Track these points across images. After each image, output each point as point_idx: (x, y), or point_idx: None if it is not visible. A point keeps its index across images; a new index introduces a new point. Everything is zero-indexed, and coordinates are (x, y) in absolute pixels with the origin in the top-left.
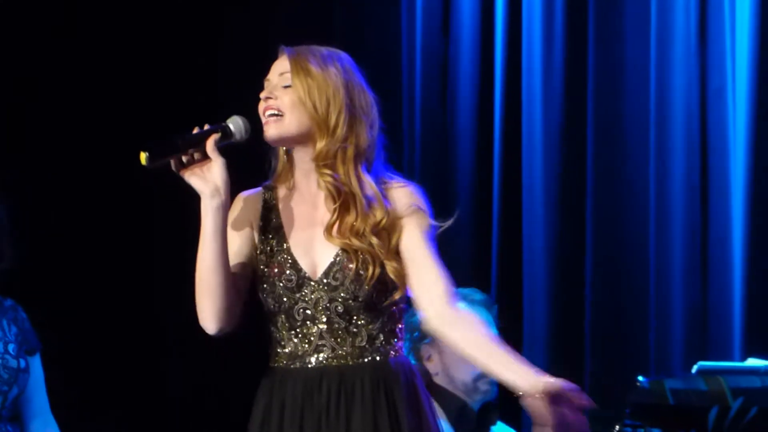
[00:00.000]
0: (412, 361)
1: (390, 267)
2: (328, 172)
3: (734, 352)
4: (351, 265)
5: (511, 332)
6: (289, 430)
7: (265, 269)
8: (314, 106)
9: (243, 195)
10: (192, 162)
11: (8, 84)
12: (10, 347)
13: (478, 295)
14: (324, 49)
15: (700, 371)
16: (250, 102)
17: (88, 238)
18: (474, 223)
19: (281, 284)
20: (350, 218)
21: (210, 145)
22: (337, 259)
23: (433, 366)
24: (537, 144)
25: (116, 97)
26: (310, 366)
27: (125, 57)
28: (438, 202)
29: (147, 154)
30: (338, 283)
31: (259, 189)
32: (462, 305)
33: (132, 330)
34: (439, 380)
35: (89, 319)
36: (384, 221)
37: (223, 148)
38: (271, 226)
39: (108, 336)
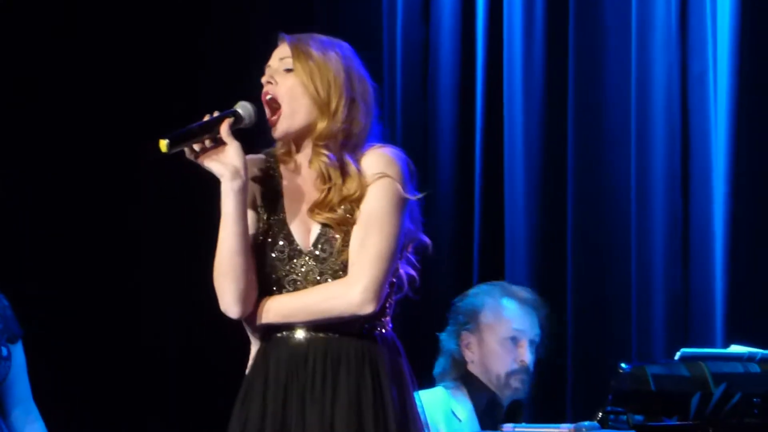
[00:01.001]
0: (452, 345)
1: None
2: (325, 152)
3: (716, 338)
4: (337, 236)
5: None
6: (272, 403)
7: (260, 237)
8: (316, 89)
9: (248, 158)
10: (206, 149)
11: (8, 84)
12: None
13: (526, 294)
14: (324, 37)
15: (682, 358)
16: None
17: (88, 237)
18: (456, 211)
19: (273, 254)
20: (330, 196)
21: (225, 129)
22: (323, 231)
23: (470, 354)
24: (518, 131)
25: (116, 97)
26: (297, 336)
27: (125, 57)
28: (419, 191)
29: (167, 141)
30: (326, 254)
31: (260, 156)
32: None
33: (132, 329)
34: (473, 368)
35: (90, 318)
36: (356, 194)
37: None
38: (271, 194)
39: (108, 335)
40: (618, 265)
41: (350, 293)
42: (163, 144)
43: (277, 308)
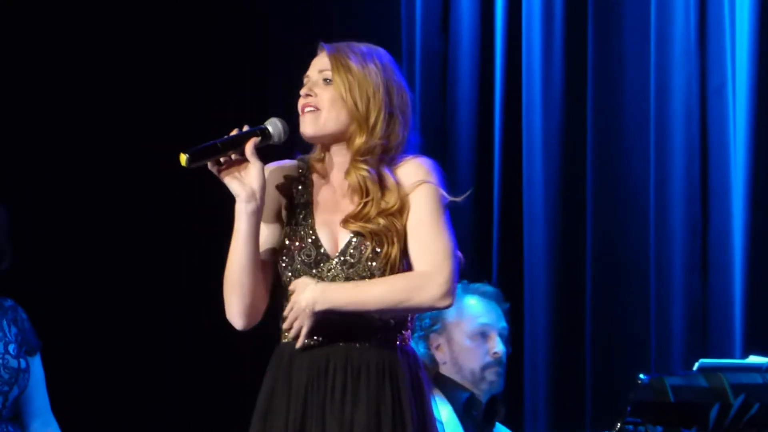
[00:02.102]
0: (422, 350)
1: (399, 249)
2: (365, 167)
3: (735, 349)
4: (367, 243)
5: (512, 330)
6: (293, 412)
7: (287, 241)
8: (355, 104)
9: (272, 166)
10: (230, 163)
11: (8, 84)
12: (11, 347)
13: (487, 288)
14: (363, 46)
15: (701, 368)
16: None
17: (88, 237)
18: (475, 221)
19: (300, 258)
20: (367, 209)
21: (249, 148)
22: (354, 239)
23: (441, 355)
24: (537, 142)
25: (116, 97)
26: (317, 345)
27: (125, 57)
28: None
29: (187, 156)
30: (355, 260)
31: (294, 162)
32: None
33: (132, 329)
34: (446, 370)
35: (90, 318)
36: (395, 207)
37: (260, 149)
38: (301, 200)
39: (108, 335)
40: (637, 276)
41: (432, 285)
42: (183, 159)
43: (347, 295)
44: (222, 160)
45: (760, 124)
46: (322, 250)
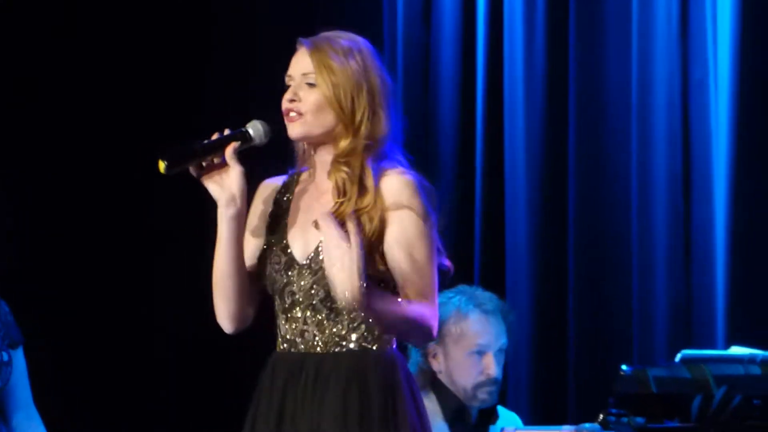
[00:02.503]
0: (419, 357)
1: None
2: (345, 169)
3: (718, 340)
4: None
5: None
6: (270, 414)
7: (264, 251)
8: (340, 105)
9: (266, 183)
10: (211, 166)
11: (8, 84)
12: None
13: (491, 304)
14: (343, 39)
15: (683, 359)
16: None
17: (88, 238)
18: (456, 212)
19: (271, 266)
20: (341, 209)
21: (230, 152)
22: (321, 246)
23: (437, 364)
24: (519, 134)
25: (116, 97)
26: (295, 351)
27: (125, 57)
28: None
29: (165, 162)
30: (318, 267)
31: (283, 176)
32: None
33: (132, 329)
34: (442, 378)
35: (90, 319)
36: (368, 208)
37: (242, 153)
38: (280, 209)
39: (108, 335)
40: (619, 268)
41: (429, 331)
42: (162, 165)
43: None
44: (203, 164)
45: (741, 117)
46: (290, 256)
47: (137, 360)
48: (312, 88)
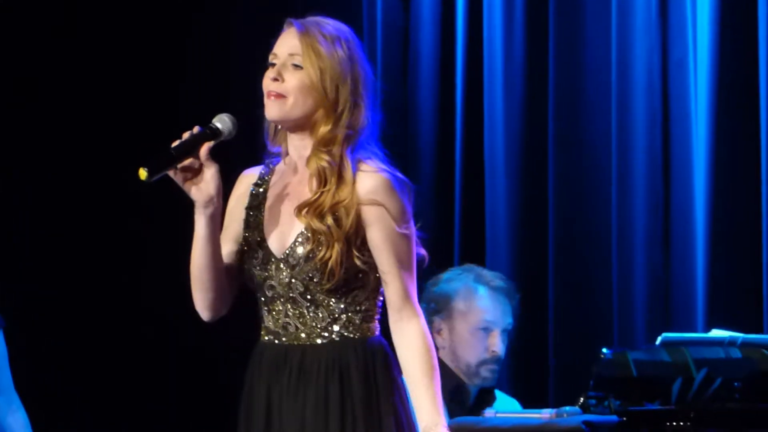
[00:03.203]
0: None
1: (341, 250)
2: (326, 157)
3: (698, 323)
4: (307, 245)
5: None
6: (257, 406)
7: (242, 245)
8: (324, 91)
9: (244, 174)
10: (186, 168)
11: (8, 84)
12: None
13: (500, 281)
14: (330, 25)
15: (663, 343)
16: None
17: (88, 237)
18: (436, 197)
19: (250, 261)
20: (322, 199)
21: (204, 153)
22: (298, 239)
23: (440, 340)
24: (498, 118)
25: (116, 97)
26: (278, 342)
27: (125, 57)
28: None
29: (146, 170)
30: (296, 262)
31: (261, 166)
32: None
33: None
34: (442, 354)
35: (90, 319)
36: (346, 201)
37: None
38: (256, 202)
39: (108, 335)
40: (599, 251)
41: (427, 338)
42: (143, 174)
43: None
44: (179, 166)
45: (721, 97)
46: (267, 251)
47: (137, 359)
48: (297, 70)
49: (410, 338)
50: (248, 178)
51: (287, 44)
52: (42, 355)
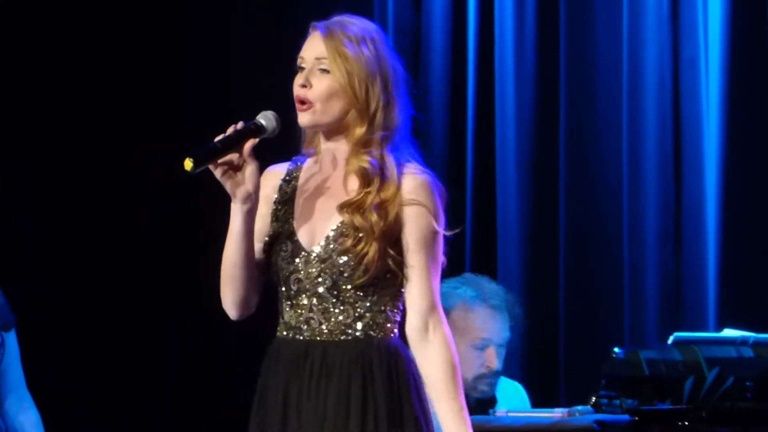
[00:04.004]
0: None
1: (379, 247)
2: (367, 158)
3: (709, 322)
4: (345, 240)
5: None
6: (273, 402)
7: (269, 239)
8: (355, 94)
9: (270, 170)
10: (228, 163)
11: (8, 84)
12: None
13: (498, 299)
14: (355, 25)
15: (675, 342)
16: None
17: (88, 237)
18: (448, 195)
19: (277, 254)
20: (364, 198)
21: (248, 149)
22: (334, 233)
23: None
24: (510, 117)
25: (115, 97)
26: (299, 338)
27: (124, 56)
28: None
29: (192, 161)
30: (328, 255)
31: (288, 162)
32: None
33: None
34: None
35: (90, 318)
36: (390, 200)
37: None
38: (285, 197)
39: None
40: (610, 250)
41: (453, 348)
42: (188, 163)
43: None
44: (221, 161)
45: (732, 96)
46: (297, 243)
47: (137, 359)
48: (324, 74)
49: (438, 349)
50: (274, 174)
51: (313, 48)
52: (41, 355)
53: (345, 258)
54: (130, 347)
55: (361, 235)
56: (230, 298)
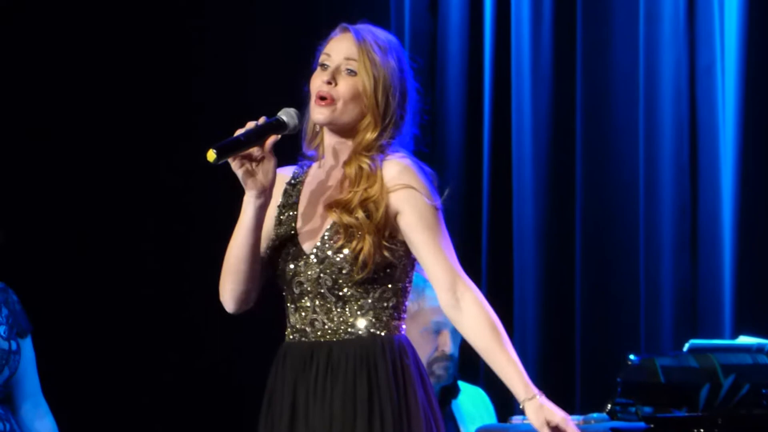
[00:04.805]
0: None
1: (374, 241)
2: (368, 161)
3: (725, 329)
4: (339, 239)
5: (502, 313)
6: (284, 406)
7: (272, 242)
8: (376, 101)
9: (276, 172)
10: (248, 157)
11: (8, 84)
12: (1, 329)
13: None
14: (383, 36)
15: (691, 349)
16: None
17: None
18: (464, 202)
19: (281, 258)
20: (350, 197)
21: (269, 145)
22: (328, 233)
23: None
24: (526, 123)
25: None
26: (305, 340)
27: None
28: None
29: (215, 152)
30: (325, 255)
31: (294, 166)
32: (468, 292)
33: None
34: None
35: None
36: (375, 196)
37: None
38: (289, 201)
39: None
40: (626, 257)
41: (489, 307)
42: (211, 154)
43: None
44: (243, 157)
45: (748, 104)
46: (299, 247)
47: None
48: (351, 76)
49: (471, 310)
50: (280, 177)
51: (343, 48)
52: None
53: (341, 255)
54: (132, 346)
55: (352, 231)
56: (230, 292)
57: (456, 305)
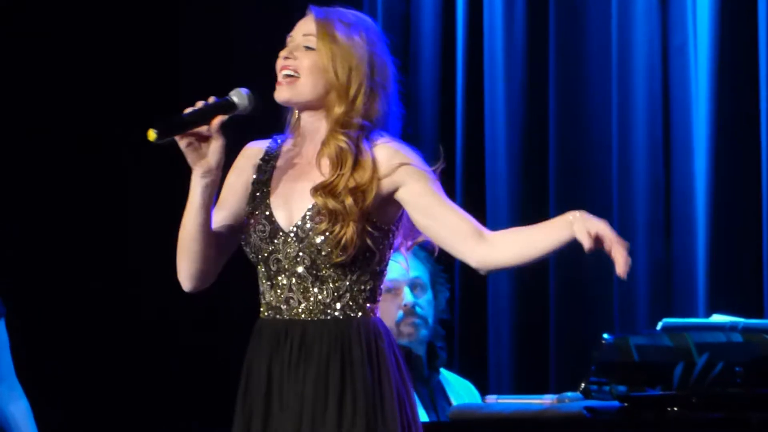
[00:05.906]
0: None
1: (357, 227)
2: (344, 138)
3: (699, 308)
4: (322, 221)
5: (476, 294)
6: (257, 381)
7: (246, 219)
8: (335, 73)
9: (250, 146)
10: (194, 135)
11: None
12: None
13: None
14: (351, 14)
15: (665, 328)
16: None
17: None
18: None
19: (256, 234)
20: (336, 181)
21: (216, 124)
22: (310, 213)
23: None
24: (499, 103)
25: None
26: (279, 318)
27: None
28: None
29: (156, 132)
30: (305, 235)
31: (268, 140)
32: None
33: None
34: None
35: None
36: (365, 185)
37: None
38: (263, 177)
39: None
40: None
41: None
42: (152, 134)
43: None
44: (189, 135)
45: (721, 83)
46: (275, 224)
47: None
48: (309, 51)
49: (496, 234)
50: (253, 151)
51: (303, 27)
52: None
53: (322, 237)
54: (129, 343)
55: (336, 216)
56: (185, 270)
57: (485, 242)
